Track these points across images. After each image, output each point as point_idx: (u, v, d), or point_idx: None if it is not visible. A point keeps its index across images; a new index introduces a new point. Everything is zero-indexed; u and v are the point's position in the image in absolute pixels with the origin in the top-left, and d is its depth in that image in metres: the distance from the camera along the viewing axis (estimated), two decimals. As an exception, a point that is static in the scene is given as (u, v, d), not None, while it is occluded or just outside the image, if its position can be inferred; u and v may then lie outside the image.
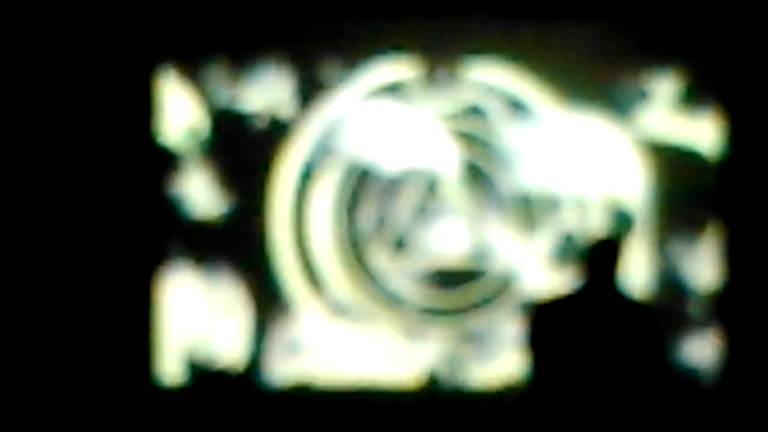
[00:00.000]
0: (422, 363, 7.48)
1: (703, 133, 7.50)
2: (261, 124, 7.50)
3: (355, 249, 7.53)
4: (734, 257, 7.46)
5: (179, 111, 7.50)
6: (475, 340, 7.49)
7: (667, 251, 7.45)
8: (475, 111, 7.50)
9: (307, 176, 7.51)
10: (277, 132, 7.49)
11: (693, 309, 7.43)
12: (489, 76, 7.49)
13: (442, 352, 7.47)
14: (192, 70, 7.49)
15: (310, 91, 7.50)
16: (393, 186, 7.50)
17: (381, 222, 7.51)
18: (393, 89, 7.50)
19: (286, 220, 7.50)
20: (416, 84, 7.51)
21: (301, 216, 7.52)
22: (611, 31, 7.48)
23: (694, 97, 7.51)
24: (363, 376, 7.46)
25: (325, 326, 7.48)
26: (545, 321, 5.04)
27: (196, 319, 7.47)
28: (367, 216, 7.51)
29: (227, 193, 7.50)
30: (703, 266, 7.48)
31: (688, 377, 7.37)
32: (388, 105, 7.52)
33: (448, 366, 7.46)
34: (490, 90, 7.49)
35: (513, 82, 7.50)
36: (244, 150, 7.51)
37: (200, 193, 7.50)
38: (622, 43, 7.50)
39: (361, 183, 7.50)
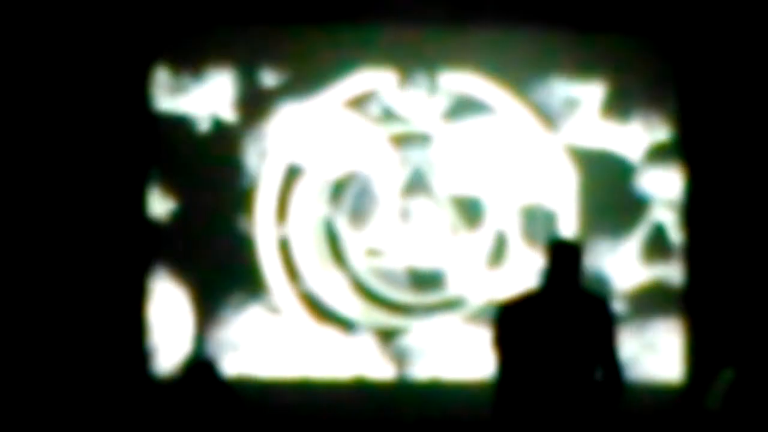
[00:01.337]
0: (389, 357, 7.64)
1: (628, 139, 7.76)
2: (209, 129, 7.61)
3: (330, 248, 7.67)
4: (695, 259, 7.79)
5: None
6: (438, 337, 7.65)
7: (592, 252, 7.62)
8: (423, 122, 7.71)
9: (284, 180, 7.64)
10: (225, 138, 7.61)
11: (617, 307, 7.61)
12: (447, 82, 7.69)
13: (406, 347, 7.64)
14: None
15: (256, 97, 7.63)
16: (365, 190, 7.65)
17: (354, 223, 7.66)
18: (360, 99, 7.66)
19: (267, 221, 7.64)
20: (379, 92, 7.69)
21: (281, 217, 7.65)
22: (544, 37, 7.68)
23: (620, 104, 7.76)
24: (323, 368, 7.61)
25: (296, 321, 7.63)
26: (512, 319, 5.20)
27: (166, 314, 7.60)
28: (341, 217, 7.65)
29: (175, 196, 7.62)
30: (626, 266, 7.76)
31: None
32: (351, 115, 7.67)
33: (412, 360, 7.64)
34: (446, 94, 7.68)
35: (464, 86, 7.70)
36: (197, 154, 7.62)
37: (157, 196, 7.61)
38: (554, 49, 7.71)
39: (334, 187, 7.65)
